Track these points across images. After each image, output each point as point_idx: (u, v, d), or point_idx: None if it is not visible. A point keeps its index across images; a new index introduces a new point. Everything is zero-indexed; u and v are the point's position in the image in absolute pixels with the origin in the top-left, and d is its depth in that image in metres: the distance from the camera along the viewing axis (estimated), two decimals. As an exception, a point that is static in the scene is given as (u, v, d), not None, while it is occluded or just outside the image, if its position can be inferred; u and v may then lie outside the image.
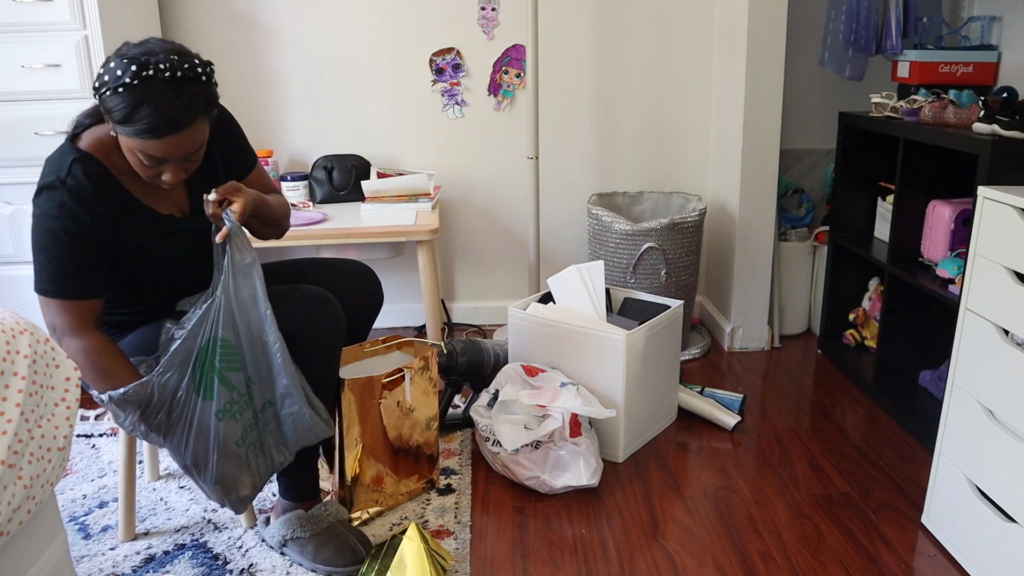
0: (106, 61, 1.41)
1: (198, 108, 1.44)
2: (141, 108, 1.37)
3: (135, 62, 1.37)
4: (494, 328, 3.13)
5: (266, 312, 1.51)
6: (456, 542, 1.78)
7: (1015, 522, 1.50)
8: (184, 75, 1.40)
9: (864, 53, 2.55)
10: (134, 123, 1.39)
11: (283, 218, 1.80)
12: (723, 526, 1.85)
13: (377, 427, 1.82)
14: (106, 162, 1.53)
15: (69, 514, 1.92)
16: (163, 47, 1.42)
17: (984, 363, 1.59)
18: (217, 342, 1.50)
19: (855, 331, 2.77)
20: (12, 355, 1.15)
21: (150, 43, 1.43)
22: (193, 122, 1.44)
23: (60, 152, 1.52)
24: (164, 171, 1.48)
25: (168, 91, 1.39)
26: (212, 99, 1.48)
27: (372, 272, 1.92)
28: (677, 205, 2.92)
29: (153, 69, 1.37)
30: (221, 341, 1.50)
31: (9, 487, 1.11)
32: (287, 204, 1.84)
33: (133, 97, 1.37)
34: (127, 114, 1.38)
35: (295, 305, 1.61)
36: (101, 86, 1.40)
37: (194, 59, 1.44)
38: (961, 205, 2.20)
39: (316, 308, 1.62)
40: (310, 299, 1.63)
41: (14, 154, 2.39)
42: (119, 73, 1.37)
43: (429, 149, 3.01)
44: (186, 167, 1.50)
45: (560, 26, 2.90)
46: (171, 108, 1.39)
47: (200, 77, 1.44)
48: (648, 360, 2.15)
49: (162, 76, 1.38)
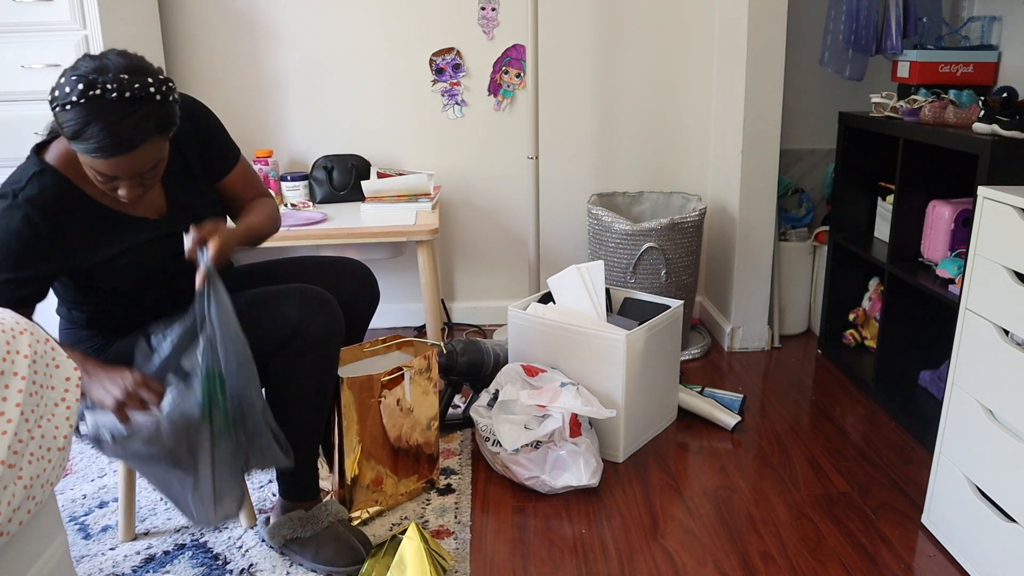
0: (60, 75, 1.37)
1: (148, 129, 1.38)
2: (88, 127, 1.33)
3: (83, 80, 1.32)
4: (494, 328, 3.13)
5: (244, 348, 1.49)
6: (456, 542, 1.78)
7: (1015, 522, 1.50)
8: (134, 95, 1.35)
9: (864, 53, 2.55)
10: (83, 141, 1.35)
11: (271, 230, 1.75)
12: (723, 526, 1.85)
13: (377, 427, 1.82)
14: (72, 174, 1.49)
15: (69, 514, 1.92)
16: (117, 64, 1.36)
17: (984, 363, 1.59)
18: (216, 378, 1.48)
19: (855, 331, 2.77)
20: (12, 355, 1.15)
21: (106, 58, 1.38)
22: (143, 142, 1.38)
23: (25, 162, 1.50)
24: (119, 187, 1.44)
25: (116, 111, 1.34)
26: (167, 118, 1.42)
27: (367, 269, 1.91)
28: (677, 205, 2.92)
29: (101, 88, 1.32)
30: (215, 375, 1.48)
31: (9, 487, 1.11)
32: (273, 208, 1.78)
33: (81, 116, 1.33)
34: (76, 131, 1.34)
35: (294, 304, 1.61)
36: (52, 101, 1.36)
37: (148, 77, 1.37)
38: (961, 205, 2.19)
39: (315, 307, 1.62)
40: (309, 298, 1.63)
41: (14, 154, 2.38)
42: (67, 90, 1.33)
43: (429, 149, 3.01)
44: (143, 183, 1.46)
45: (560, 26, 2.90)
46: (119, 128, 1.34)
47: (153, 96, 1.38)
48: (648, 360, 2.15)
49: (109, 96, 1.33)
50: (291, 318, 1.59)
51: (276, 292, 1.63)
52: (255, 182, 1.80)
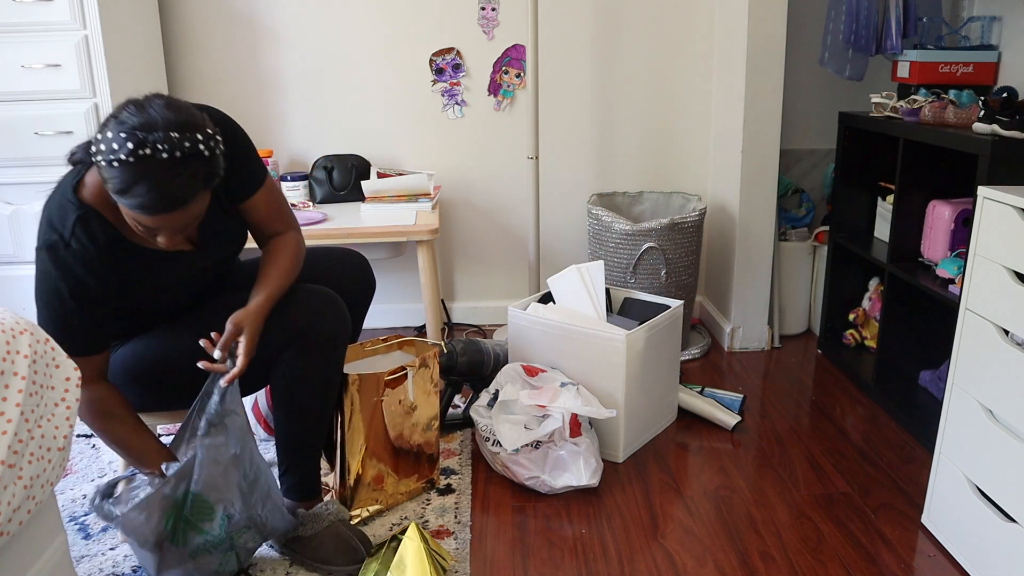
0: (104, 124, 1.32)
1: (196, 186, 1.35)
2: (136, 186, 1.29)
3: (132, 138, 1.28)
4: (494, 328, 3.13)
5: (254, 450, 1.55)
6: (456, 542, 1.78)
7: (1015, 522, 1.50)
8: (184, 154, 1.31)
9: (864, 53, 2.54)
10: (128, 197, 1.31)
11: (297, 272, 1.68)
12: (723, 526, 1.85)
13: (379, 426, 1.82)
14: (109, 215, 1.47)
15: (69, 514, 1.92)
16: (166, 119, 1.31)
17: (984, 363, 1.59)
18: (189, 496, 1.50)
19: (855, 331, 2.77)
20: (12, 355, 1.15)
21: (152, 109, 1.32)
22: (190, 201, 1.36)
23: (61, 202, 1.44)
24: (159, 235, 1.41)
25: (165, 171, 1.30)
26: (214, 173, 1.39)
27: (361, 256, 1.89)
28: (677, 205, 2.92)
29: (151, 148, 1.28)
30: (193, 496, 1.50)
31: (9, 487, 1.11)
32: (298, 251, 1.68)
33: (129, 175, 1.29)
34: (122, 189, 1.30)
35: (300, 304, 1.61)
36: (97, 153, 1.31)
37: (197, 134, 1.33)
38: (961, 205, 2.20)
39: (321, 307, 1.62)
40: (315, 298, 1.63)
41: (14, 154, 2.39)
42: (115, 147, 1.28)
43: (429, 149, 3.01)
44: (183, 231, 1.43)
45: (560, 26, 2.90)
46: (168, 189, 1.31)
47: (202, 153, 1.34)
48: (648, 360, 2.15)
49: (159, 156, 1.29)
50: (298, 318, 1.59)
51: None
52: (282, 211, 1.71)
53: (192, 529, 1.52)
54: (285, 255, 1.66)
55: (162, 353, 1.60)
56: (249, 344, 1.50)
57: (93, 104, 2.37)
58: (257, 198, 1.65)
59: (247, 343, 1.50)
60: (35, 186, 2.42)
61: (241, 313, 1.52)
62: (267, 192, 1.68)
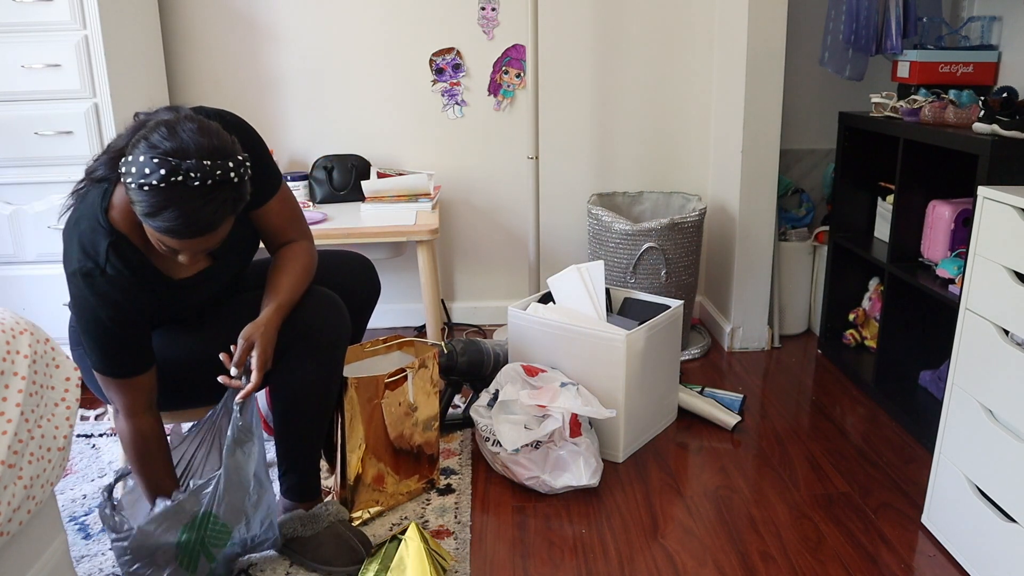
0: (134, 145, 1.31)
1: (225, 212, 1.35)
2: (166, 211, 1.29)
3: (164, 164, 1.27)
4: (494, 328, 3.13)
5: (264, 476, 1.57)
6: (456, 542, 1.78)
7: (1015, 522, 1.50)
8: (215, 181, 1.31)
9: (864, 53, 2.55)
10: (156, 220, 1.31)
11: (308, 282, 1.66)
12: (723, 526, 1.85)
13: (379, 427, 1.82)
14: (137, 239, 1.46)
15: (69, 514, 1.92)
16: (198, 145, 1.31)
17: (984, 363, 1.59)
18: (210, 519, 1.51)
19: (855, 331, 2.77)
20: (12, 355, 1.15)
21: (184, 135, 1.31)
22: (219, 226, 1.36)
23: (93, 226, 1.42)
24: (181, 255, 1.42)
25: (196, 198, 1.30)
26: (241, 197, 1.39)
27: (368, 261, 1.89)
28: (677, 205, 2.92)
29: (183, 175, 1.28)
30: (213, 519, 1.51)
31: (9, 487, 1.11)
32: (311, 261, 1.67)
33: (159, 200, 1.29)
34: (151, 212, 1.31)
35: (302, 306, 1.61)
36: (127, 175, 1.31)
37: (229, 161, 1.33)
38: (961, 205, 2.20)
39: (322, 310, 1.62)
40: (316, 301, 1.62)
41: (14, 154, 2.39)
42: (147, 172, 1.28)
43: (429, 149, 3.01)
44: (206, 252, 1.45)
45: (560, 26, 2.90)
46: (198, 215, 1.31)
47: (232, 180, 1.34)
48: (648, 360, 2.15)
49: (191, 184, 1.29)
50: (298, 320, 1.59)
51: None
52: (296, 219, 1.69)
53: (205, 555, 1.53)
54: (298, 264, 1.64)
55: (172, 354, 1.60)
56: (261, 357, 1.50)
57: (93, 104, 2.37)
58: (272, 205, 1.63)
59: (259, 357, 1.50)
60: (35, 186, 2.42)
61: (252, 327, 1.52)
62: (282, 199, 1.65)
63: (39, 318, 2.46)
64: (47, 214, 2.43)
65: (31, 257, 2.47)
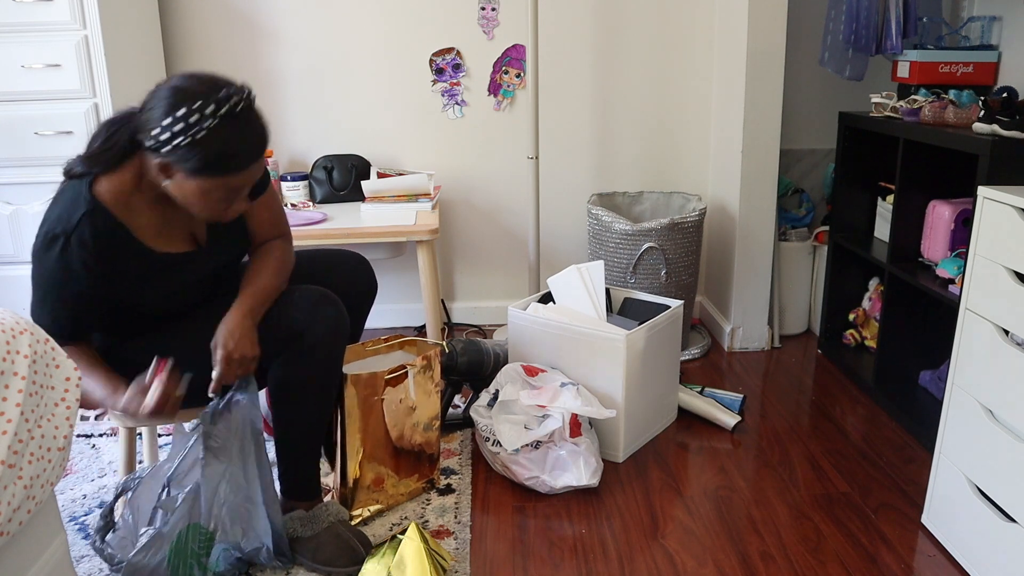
0: (160, 117, 1.36)
1: (264, 122, 1.47)
2: (230, 143, 1.38)
3: (206, 105, 1.35)
4: (494, 328, 3.13)
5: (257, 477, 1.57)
6: (456, 542, 1.78)
7: (1015, 522, 1.50)
8: (249, 98, 1.43)
9: (864, 53, 2.55)
10: (226, 160, 1.39)
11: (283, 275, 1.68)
12: (723, 526, 1.85)
13: (379, 426, 1.82)
14: (121, 215, 1.48)
15: (69, 514, 1.92)
16: (209, 80, 1.40)
17: (984, 363, 1.59)
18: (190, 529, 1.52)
19: (855, 331, 2.77)
20: (12, 355, 1.15)
21: (186, 83, 1.39)
22: (269, 139, 1.48)
23: (74, 196, 1.46)
24: (235, 202, 1.48)
25: (246, 119, 1.41)
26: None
27: (363, 259, 1.89)
28: (677, 205, 2.92)
29: (226, 105, 1.37)
30: (193, 527, 1.52)
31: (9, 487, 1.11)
32: (288, 260, 1.70)
33: (220, 136, 1.37)
34: (220, 153, 1.38)
35: (298, 304, 1.61)
36: (171, 143, 1.36)
37: (232, 84, 1.43)
38: (961, 205, 2.19)
39: (320, 307, 1.61)
40: (313, 298, 1.62)
41: (14, 154, 2.39)
42: (193, 121, 1.35)
43: (429, 149, 3.01)
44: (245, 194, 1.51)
45: (560, 26, 2.90)
46: (256, 132, 1.43)
47: (253, 97, 1.46)
48: (648, 360, 2.15)
49: (236, 108, 1.39)
50: (295, 319, 1.59)
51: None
52: (278, 219, 1.74)
53: (197, 564, 1.54)
54: (270, 259, 1.68)
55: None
56: (224, 354, 1.51)
57: (93, 104, 2.37)
58: (264, 199, 1.69)
59: (221, 354, 1.51)
60: (35, 186, 2.42)
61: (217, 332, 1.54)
62: (270, 196, 1.72)
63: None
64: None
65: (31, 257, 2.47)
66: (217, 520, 1.54)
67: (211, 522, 1.54)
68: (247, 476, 1.57)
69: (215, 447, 1.53)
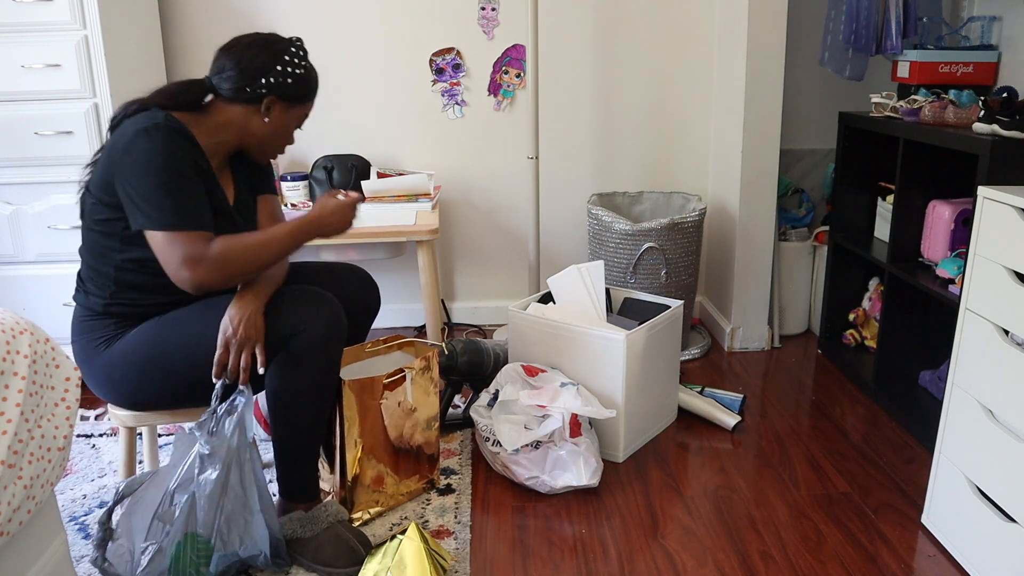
0: (272, 63, 1.60)
1: None
2: (313, 77, 1.68)
3: (294, 44, 1.64)
4: (494, 328, 3.13)
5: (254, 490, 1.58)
6: (456, 542, 1.78)
7: (1015, 522, 1.50)
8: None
9: (864, 53, 2.55)
10: (312, 90, 1.68)
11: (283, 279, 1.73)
12: (723, 526, 1.85)
13: (378, 427, 1.82)
14: (196, 137, 1.60)
15: (69, 514, 1.92)
16: (269, 34, 1.65)
17: (984, 363, 1.59)
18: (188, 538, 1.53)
19: (855, 331, 2.77)
20: (12, 355, 1.15)
21: (263, 37, 1.64)
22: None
23: (147, 114, 1.55)
24: (300, 128, 1.74)
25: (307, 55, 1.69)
26: None
27: (368, 275, 1.92)
28: (677, 205, 2.93)
29: (301, 48, 1.66)
30: (191, 536, 1.53)
31: (9, 487, 1.11)
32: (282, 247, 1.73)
33: (311, 71, 1.67)
34: (311, 81, 1.67)
35: (292, 305, 1.60)
36: (285, 77, 1.61)
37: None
38: (961, 205, 2.20)
39: (314, 307, 1.61)
40: (307, 298, 1.62)
41: (14, 154, 2.39)
42: (297, 59, 1.64)
43: (429, 149, 3.01)
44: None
45: (560, 26, 2.90)
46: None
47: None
48: (648, 360, 2.15)
49: (303, 48, 1.68)
50: (290, 319, 1.58)
51: (275, 292, 1.63)
52: (280, 219, 1.85)
53: (196, 573, 1.54)
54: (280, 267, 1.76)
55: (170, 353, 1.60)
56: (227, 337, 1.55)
57: (93, 104, 2.37)
58: (268, 198, 1.84)
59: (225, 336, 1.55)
60: (35, 186, 2.42)
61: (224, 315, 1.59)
62: (275, 196, 1.87)
63: (39, 318, 2.46)
64: (47, 214, 2.43)
65: (31, 257, 2.47)
66: (215, 530, 1.54)
67: (211, 533, 1.53)
68: (244, 484, 1.56)
69: (210, 456, 1.53)
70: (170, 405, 1.67)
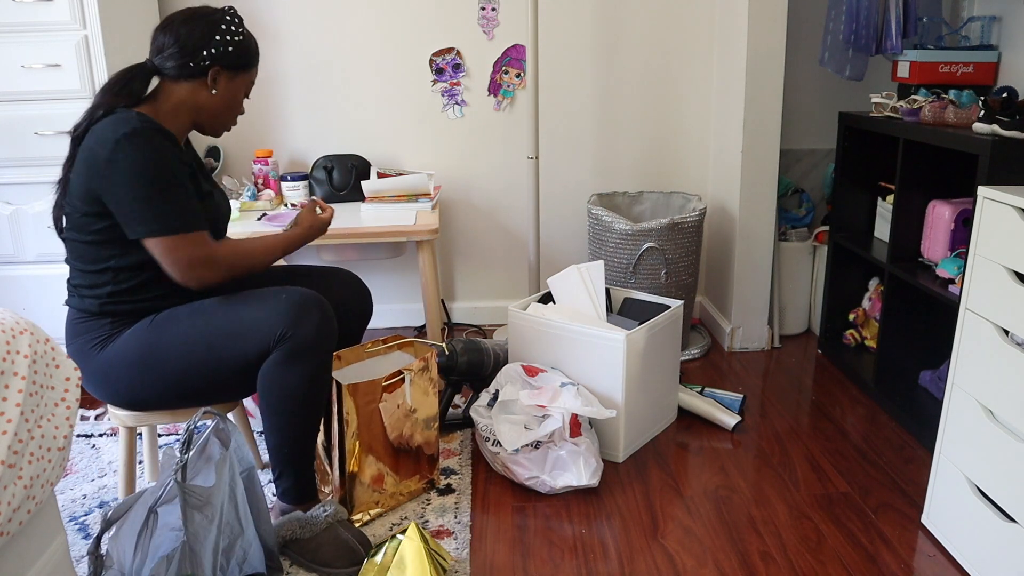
0: (209, 35, 1.60)
1: None
2: (252, 42, 1.68)
3: (228, 13, 1.64)
4: (494, 328, 3.13)
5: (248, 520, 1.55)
6: (456, 542, 1.78)
7: (1015, 522, 1.50)
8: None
9: (864, 53, 2.55)
10: (254, 56, 1.69)
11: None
12: (723, 526, 1.85)
13: (377, 428, 1.82)
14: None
15: (69, 514, 1.92)
16: (201, 8, 1.65)
17: (984, 363, 1.59)
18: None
19: (855, 331, 2.77)
20: (12, 355, 1.15)
21: (196, 11, 1.63)
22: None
23: (117, 116, 1.55)
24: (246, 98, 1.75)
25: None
26: None
27: (361, 281, 1.94)
28: (677, 205, 2.92)
29: (236, 16, 1.67)
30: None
31: (9, 487, 1.11)
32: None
33: (247, 37, 1.67)
34: (251, 51, 1.68)
35: (282, 306, 1.59)
36: (224, 47, 1.62)
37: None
38: (961, 205, 2.20)
39: (305, 309, 1.59)
40: (298, 299, 1.60)
41: (14, 154, 2.39)
42: (234, 27, 1.64)
43: (429, 149, 3.01)
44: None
45: (560, 26, 2.90)
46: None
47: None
48: (648, 360, 2.15)
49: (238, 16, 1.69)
50: (279, 321, 1.58)
51: (264, 294, 1.62)
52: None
53: None
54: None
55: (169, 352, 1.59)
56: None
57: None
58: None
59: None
60: (35, 186, 2.42)
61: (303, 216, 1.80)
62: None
63: (39, 318, 2.46)
64: (47, 214, 2.43)
65: (31, 257, 2.47)
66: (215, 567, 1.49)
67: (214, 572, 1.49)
68: (240, 517, 1.53)
69: (198, 504, 1.44)
70: (167, 405, 1.67)
